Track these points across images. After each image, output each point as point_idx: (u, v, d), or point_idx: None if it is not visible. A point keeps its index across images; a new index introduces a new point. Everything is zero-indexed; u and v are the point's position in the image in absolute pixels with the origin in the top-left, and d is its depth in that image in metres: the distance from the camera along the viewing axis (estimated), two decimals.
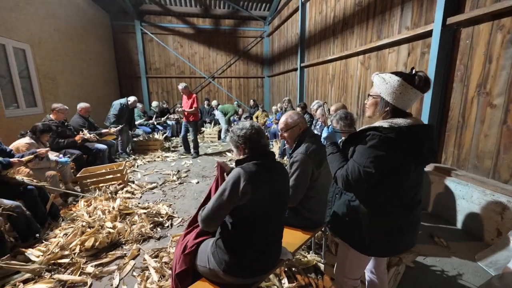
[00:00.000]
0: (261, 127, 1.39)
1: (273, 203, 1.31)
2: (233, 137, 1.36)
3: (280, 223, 1.42)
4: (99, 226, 2.48)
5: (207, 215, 1.25)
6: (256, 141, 1.33)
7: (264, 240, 1.31)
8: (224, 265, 1.26)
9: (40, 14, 4.91)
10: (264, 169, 1.28)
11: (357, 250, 1.20)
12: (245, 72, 10.00)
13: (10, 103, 4.20)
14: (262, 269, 1.35)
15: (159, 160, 5.26)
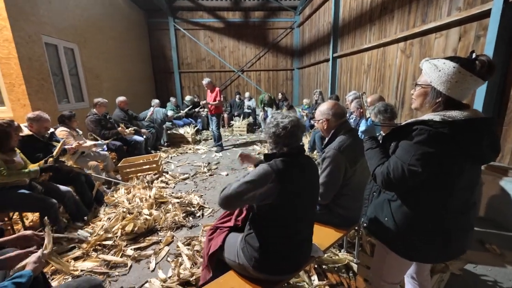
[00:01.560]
0: (301, 123, 1.29)
1: (303, 200, 1.27)
2: (268, 129, 1.28)
3: (310, 220, 1.38)
4: (137, 212, 2.66)
5: (229, 195, 1.21)
6: (291, 140, 1.25)
7: (294, 238, 1.28)
8: (253, 261, 1.25)
9: (86, 16, 5.31)
10: (294, 166, 1.23)
11: (398, 253, 1.11)
12: (274, 65, 9.87)
13: (62, 98, 4.66)
14: (292, 267, 1.32)
15: (191, 152, 5.47)
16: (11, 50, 3.58)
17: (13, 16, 3.55)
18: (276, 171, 1.16)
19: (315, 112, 1.88)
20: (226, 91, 9.86)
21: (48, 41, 4.30)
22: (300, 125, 1.27)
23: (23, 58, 3.69)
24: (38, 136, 2.65)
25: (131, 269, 2.04)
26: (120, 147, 4.23)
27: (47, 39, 4.25)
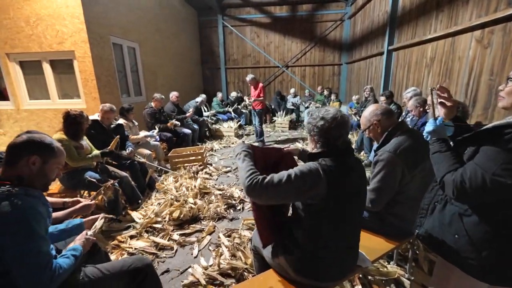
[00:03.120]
0: (346, 119, 1.18)
1: (351, 203, 1.17)
2: (312, 125, 1.18)
3: (357, 226, 1.27)
4: (183, 200, 2.83)
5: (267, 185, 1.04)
6: (339, 132, 1.14)
7: (340, 243, 1.19)
8: (294, 264, 1.21)
9: (146, 17, 5.81)
10: (344, 166, 1.13)
11: (471, 274, 0.95)
12: (320, 60, 9.47)
13: (124, 92, 5.21)
14: (336, 274, 1.23)
15: (234, 146, 5.62)
16: (86, 50, 4.11)
17: (89, 19, 4.06)
18: (326, 170, 1.07)
19: (364, 110, 1.72)
20: (270, 87, 9.84)
21: (115, 41, 4.83)
22: (346, 118, 1.17)
23: (95, 57, 4.21)
24: (104, 124, 3.01)
25: (176, 253, 2.18)
26: (170, 138, 4.57)
27: (114, 40, 4.77)
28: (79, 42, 4.07)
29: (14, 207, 0.94)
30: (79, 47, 4.10)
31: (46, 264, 0.99)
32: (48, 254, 1.02)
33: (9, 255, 0.94)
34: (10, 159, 1.06)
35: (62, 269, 1.04)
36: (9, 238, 0.93)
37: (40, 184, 1.12)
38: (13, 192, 0.97)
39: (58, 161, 1.17)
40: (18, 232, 0.94)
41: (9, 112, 4.58)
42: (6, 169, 1.06)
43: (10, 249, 0.93)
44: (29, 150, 1.07)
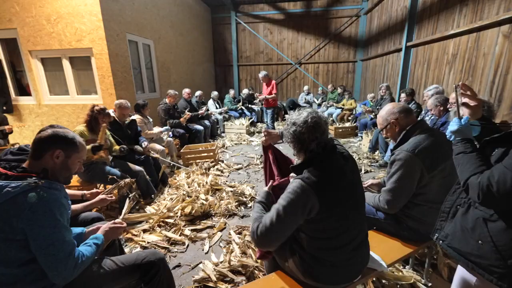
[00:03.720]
0: (320, 120, 1.10)
1: (348, 204, 1.12)
2: (287, 132, 1.13)
3: (360, 224, 1.20)
4: (195, 196, 2.86)
5: (267, 232, 1.06)
6: (315, 133, 1.08)
7: (345, 247, 1.15)
8: (303, 267, 1.18)
9: (161, 14, 5.88)
10: (330, 169, 1.07)
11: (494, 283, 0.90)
12: (334, 57, 9.27)
13: (138, 88, 5.31)
14: (344, 276, 1.20)
15: (245, 144, 5.62)
16: (103, 47, 4.21)
17: (106, 17, 4.15)
18: (311, 183, 1.03)
19: (379, 109, 1.67)
20: (282, 84, 9.75)
21: (131, 38, 4.92)
22: (321, 117, 1.12)
23: (111, 54, 4.30)
24: (120, 121, 3.08)
25: (188, 248, 2.21)
26: (183, 134, 4.62)
27: (130, 37, 4.86)
28: (97, 39, 4.18)
29: (41, 199, 0.98)
30: (97, 44, 4.20)
31: (70, 252, 1.03)
32: (72, 243, 1.06)
33: (36, 244, 0.98)
34: (36, 152, 1.10)
35: (84, 257, 1.08)
36: (36, 228, 0.97)
37: (63, 177, 1.16)
38: (39, 184, 1.00)
39: (80, 155, 1.21)
40: (44, 223, 0.98)
41: (31, 107, 4.78)
42: (32, 162, 1.11)
43: (37, 239, 0.97)
44: (53, 144, 1.11)
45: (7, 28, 4.32)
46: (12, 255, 0.98)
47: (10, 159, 1.15)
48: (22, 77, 4.86)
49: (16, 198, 0.95)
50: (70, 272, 1.02)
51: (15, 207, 0.95)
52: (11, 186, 0.96)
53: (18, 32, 4.32)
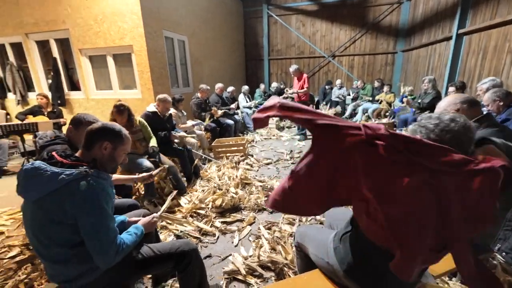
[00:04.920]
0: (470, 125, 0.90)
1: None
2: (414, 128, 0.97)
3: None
4: (225, 189, 2.91)
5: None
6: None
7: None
8: (346, 265, 1.12)
9: (195, 10, 6.01)
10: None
11: None
12: (371, 48, 8.69)
13: (173, 83, 5.53)
14: (391, 284, 1.11)
15: (274, 139, 5.57)
16: (142, 44, 4.43)
17: (145, 15, 4.36)
18: None
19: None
20: (314, 78, 9.45)
21: (167, 35, 5.11)
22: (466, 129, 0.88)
23: (150, 50, 4.52)
24: (161, 114, 3.24)
25: (218, 240, 2.26)
26: (214, 128, 4.72)
27: (166, 33, 5.05)
28: (137, 36, 4.41)
29: (90, 187, 1.05)
30: (137, 41, 4.44)
31: (113, 239, 1.10)
32: (114, 230, 1.14)
33: (84, 230, 1.06)
34: (87, 143, 1.19)
35: (125, 245, 1.15)
36: (84, 215, 1.05)
37: (109, 167, 1.24)
38: (89, 173, 1.08)
39: (125, 148, 1.28)
40: (91, 210, 1.05)
41: (80, 101, 5.26)
42: (84, 152, 1.20)
43: (85, 224, 1.05)
44: (102, 136, 1.19)
45: (61, 29, 4.76)
46: (64, 237, 1.07)
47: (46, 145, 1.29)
48: (73, 73, 5.35)
49: (69, 185, 1.03)
50: (112, 257, 1.09)
51: (68, 193, 1.03)
52: (65, 173, 1.04)
53: (70, 32, 4.74)
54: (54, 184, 1.02)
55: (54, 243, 1.07)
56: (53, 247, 1.08)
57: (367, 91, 7.32)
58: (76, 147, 1.68)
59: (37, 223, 1.07)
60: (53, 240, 1.07)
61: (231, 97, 6.16)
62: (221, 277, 1.83)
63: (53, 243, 1.07)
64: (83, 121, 1.71)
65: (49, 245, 1.07)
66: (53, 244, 1.07)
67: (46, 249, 1.08)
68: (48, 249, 1.08)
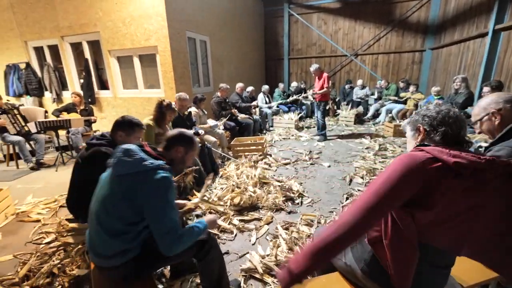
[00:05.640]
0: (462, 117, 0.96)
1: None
2: (417, 116, 1.03)
3: None
4: (244, 188, 2.93)
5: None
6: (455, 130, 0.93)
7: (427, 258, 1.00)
8: (363, 264, 1.09)
9: (217, 11, 6.11)
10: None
11: None
12: (397, 46, 8.33)
13: (194, 82, 5.67)
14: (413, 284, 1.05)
15: (293, 139, 5.52)
16: (166, 44, 4.59)
17: (169, 17, 4.51)
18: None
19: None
20: (335, 77, 9.23)
21: (190, 36, 5.25)
22: (457, 118, 0.94)
23: (173, 51, 4.67)
24: (180, 112, 3.34)
25: (236, 237, 2.29)
26: (234, 127, 4.78)
27: (189, 34, 5.19)
28: (161, 37, 4.57)
29: (164, 179, 1.19)
30: (161, 42, 4.61)
31: (176, 229, 1.19)
32: (176, 221, 1.22)
33: (150, 213, 1.17)
34: (166, 146, 1.38)
35: (185, 236, 1.23)
36: (153, 200, 1.17)
37: (178, 168, 1.43)
38: (166, 167, 1.24)
39: (194, 153, 1.47)
40: (161, 197, 1.18)
41: (109, 100, 5.55)
42: (164, 151, 1.38)
43: (152, 209, 1.17)
44: (178, 142, 1.38)
45: (92, 31, 5.06)
46: (127, 213, 1.20)
47: (95, 143, 1.47)
48: (102, 73, 5.66)
49: (148, 171, 1.18)
50: (174, 244, 1.18)
51: (144, 178, 1.17)
52: (149, 161, 1.20)
53: (101, 35, 5.02)
54: (138, 166, 1.18)
55: (117, 216, 1.20)
56: (115, 219, 1.20)
57: (392, 90, 7.03)
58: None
59: (112, 195, 1.20)
60: (117, 213, 1.20)
61: (250, 96, 6.20)
62: (239, 274, 1.85)
63: (116, 215, 1.20)
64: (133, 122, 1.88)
65: (113, 216, 1.20)
66: (116, 216, 1.20)
67: (109, 218, 1.21)
68: (110, 218, 1.20)
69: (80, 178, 1.74)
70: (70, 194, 1.81)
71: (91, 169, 1.64)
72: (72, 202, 1.80)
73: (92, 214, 1.27)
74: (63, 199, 3.06)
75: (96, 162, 1.64)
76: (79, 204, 1.75)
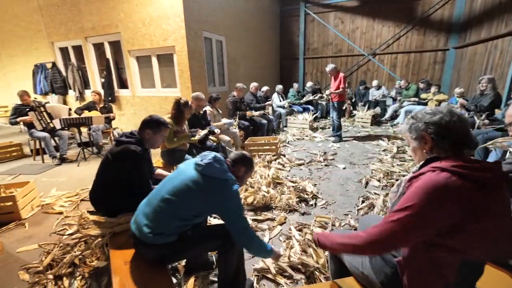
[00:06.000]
0: (464, 116, 0.94)
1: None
2: (419, 123, 0.99)
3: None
4: (257, 187, 2.93)
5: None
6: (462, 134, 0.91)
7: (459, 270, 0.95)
8: (383, 277, 1.05)
9: (233, 11, 6.15)
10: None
11: None
12: (419, 45, 8.02)
13: (210, 82, 5.73)
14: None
15: (307, 139, 5.46)
16: (183, 45, 4.67)
17: (187, 18, 4.58)
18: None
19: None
20: (352, 77, 9.04)
21: (206, 36, 5.32)
22: (461, 118, 0.92)
23: (190, 51, 4.75)
24: (196, 111, 3.39)
25: None
26: (248, 127, 4.79)
27: (205, 34, 5.26)
28: (179, 38, 4.66)
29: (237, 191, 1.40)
30: (179, 43, 4.70)
31: (247, 227, 1.39)
32: (246, 221, 1.43)
33: (230, 217, 1.37)
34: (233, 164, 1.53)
35: (255, 238, 1.42)
36: (231, 205, 1.36)
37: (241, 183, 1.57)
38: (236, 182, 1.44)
39: (250, 174, 1.68)
40: (236, 204, 1.39)
41: (127, 98, 5.73)
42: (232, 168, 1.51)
43: (230, 212, 1.36)
44: (240, 162, 1.54)
45: (114, 32, 5.24)
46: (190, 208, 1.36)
47: (124, 140, 1.69)
48: (122, 73, 5.85)
49: (228, 181, 1.38)
50: (247, 238, 1.38)
51: (226, 186, 1.37)
52: (229, 174, 1.41)
53: (122, 35, 5.19)
54: (223, 175, 1.37)
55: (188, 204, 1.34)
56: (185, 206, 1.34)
57: (412, 91, 6.77)
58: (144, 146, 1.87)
59: (191, 187, 1.33)
60: (189, 202, 1.34)
61: (264, 96, 6.19)
62: (251, 273, 1.85)
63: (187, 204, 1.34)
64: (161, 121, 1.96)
65: (184, 203, 1.34)
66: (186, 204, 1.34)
67: (179, 202, 1.34)
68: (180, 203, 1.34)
69: (108, 175, 1.79)
70: (95, 188, 1.87)
71: (120, 167, 1.73)
72: (95, 196, 1.86)
73: (161, 192, 1.38)
74: (84, 193, 3.20)
75: (125, 159, 1.72)
76: (104, 199, 1.82)
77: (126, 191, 1.76)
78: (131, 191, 1.74)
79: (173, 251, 1.40)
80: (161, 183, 1.48)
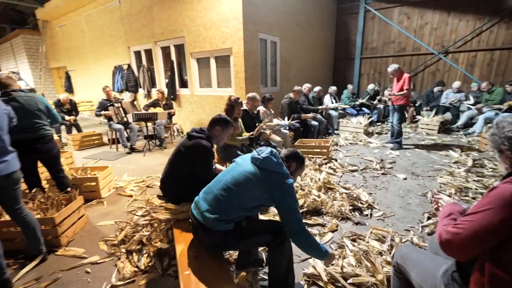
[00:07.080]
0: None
1: None
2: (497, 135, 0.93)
3: None
4: (308, 191, 2.87)
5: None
6: None
7: None
8: None
9: (289, 11, 6.12)
10: None
11: None
12: (505, 41, 6.75)
13: (262, 82, 5.82)
14: None
15: (361, 144, 5.12)
16: (240, 46, 4.85)
17: (245, 20, 4.74)
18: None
19: None
20: (417, 78, 8.13)
21: (262, 37, 5.41)
22: None
23: (246, 52, 4.90)
24: (250, 111, 3.48)
25: None
26: (298, 128, 4.72)
27: (261, 35, 5.36)
28: (237, 40, 4.86)
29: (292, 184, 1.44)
30: (236, 44, 4.89)
31: (301, 220, 1.43)
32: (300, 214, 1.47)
33: (284, 208, 1.42)
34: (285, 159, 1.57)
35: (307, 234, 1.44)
36: (287, 198, 1.41)
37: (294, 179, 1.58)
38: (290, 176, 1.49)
39: (302, 172, 1.73)
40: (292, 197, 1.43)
41: (187, 97, 6.22)
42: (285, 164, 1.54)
43: (286, 204, 1.41)
44: (293, 158, 1.59)
45: (179, 36, 5.74)
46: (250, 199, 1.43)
47: (195, 135, 1.91)
48: (183, 73, 6.38)
49: (284, 175, 1.43)
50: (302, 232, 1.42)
51: (282, 179, 1.41)
52: (284, 168, 1.46)
53: (185, 39, 5.66)
54: (280, 169, 1.43)
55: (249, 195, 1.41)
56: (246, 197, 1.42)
57: (496, 95, 5.74)
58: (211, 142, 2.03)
59: (247, 180, 1.41)
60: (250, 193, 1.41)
61: (317, 97, 6.02)
62: (301, 278, 1.82)
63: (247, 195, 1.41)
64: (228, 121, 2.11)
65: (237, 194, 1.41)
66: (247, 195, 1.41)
67: (231, 195, 1.41)
68: (233, 195, 1.41)
69: (180, 167, 1.97)
70: (166, 176, 2.04)
71: (192, 161, 1.91)
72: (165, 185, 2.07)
73: (221, 182, 1.47)
74: (149, 180, 3.59)
75: (197, 153, 1.89)
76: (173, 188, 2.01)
77: (194, 183, 1.90)
78: (198, 184, 1.88)
79: (229, 239, 1.45)
80: (220, 174, 1.57)
